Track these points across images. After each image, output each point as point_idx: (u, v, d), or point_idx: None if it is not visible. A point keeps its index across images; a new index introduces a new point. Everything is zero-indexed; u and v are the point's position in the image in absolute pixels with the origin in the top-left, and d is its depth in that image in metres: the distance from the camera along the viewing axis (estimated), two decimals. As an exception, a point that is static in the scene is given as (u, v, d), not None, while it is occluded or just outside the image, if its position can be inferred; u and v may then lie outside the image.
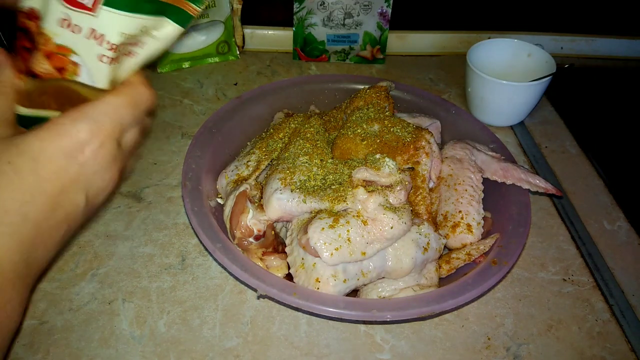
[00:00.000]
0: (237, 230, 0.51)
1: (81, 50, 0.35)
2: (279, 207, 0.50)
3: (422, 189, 0.55)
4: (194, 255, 0.58)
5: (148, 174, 0.68)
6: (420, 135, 0.58)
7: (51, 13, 0.35)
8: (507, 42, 0.81)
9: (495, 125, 0.79)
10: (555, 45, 0.95)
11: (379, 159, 0.52)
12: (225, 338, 0.51)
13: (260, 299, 0.54)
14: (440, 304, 0.46)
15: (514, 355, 0.50)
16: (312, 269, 0.47)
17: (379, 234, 0.48)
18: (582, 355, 0.51)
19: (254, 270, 0.47)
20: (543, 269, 0.59)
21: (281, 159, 0.55)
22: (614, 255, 0.61)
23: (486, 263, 0.50)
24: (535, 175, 0.57)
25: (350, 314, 0.45)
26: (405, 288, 0.50)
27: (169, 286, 0.55)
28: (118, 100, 0.37)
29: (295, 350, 0.50)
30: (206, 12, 0.83)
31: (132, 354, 0.49)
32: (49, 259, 0.36)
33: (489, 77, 0.73)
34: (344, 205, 0.49)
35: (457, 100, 0.84)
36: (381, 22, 0.87)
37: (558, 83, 0.78)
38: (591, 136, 0.79)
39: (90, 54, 0.35)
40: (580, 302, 0.56)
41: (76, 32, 0.35)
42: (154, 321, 0.52)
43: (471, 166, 0.59)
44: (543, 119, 0.82)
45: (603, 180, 0.71)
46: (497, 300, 0.55)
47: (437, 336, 0.52)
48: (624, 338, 0.53)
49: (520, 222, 0.54)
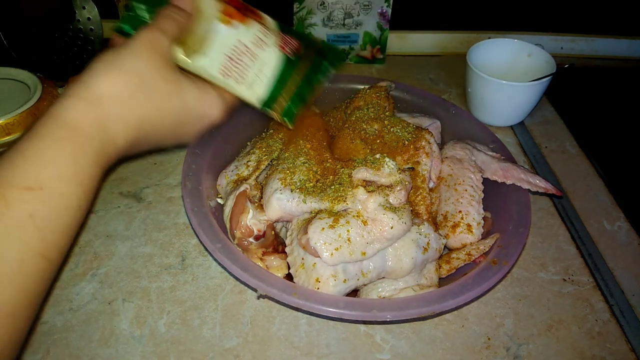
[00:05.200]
0: (237, 230, 0.51)
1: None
2: (279, 207, 0.50)
3: (422, 189, 0.55)
4: (194, 255, 0.58)
5: (148, 174, 0.68)
6: (420, 135, 0.58)
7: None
8: (507, 42, 0.81)
9: (495, 125, 0.79)
10: (555, 45, 0.95)
11: (379, 159, 0.52)
12: (225, 338, 0.51)
13: (260, 299, 0.54)
14: (440, 304, 0.45)
15: (514, 355, 0.50)
16: (312, 269, 0.47)
17: (379, 234, 0.48)
18: (582, 355, 0.51)
19: (254, 270, 0.47)
20: (543, 269, 0.59)
21: (281, 159, 0.55)
22: (614, 255, 0.61)
23: (486, 263, 0.50)
24: (535, 175, 0.57)
25: (350, 314, 0.45)
26: (405, 288, 0.50)
27: (169, 286, 0.55)
28: (237, 103, 0.49)
29: (295, 350, 0.50)
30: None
31: (132, 354, 0.49)
32: (154, 143, 0.43)
33: (489, 77, 0.73)
34: (344, 205, 0.49)
35: (457, 100, 0.84)
36: (381, 22, 0.87)
37: (558, 83, 0.78)
38: (591, 136, 0.79)
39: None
40: (580, 302, 0.56)
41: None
42: (154, 321, 0.52)
43: (471, 166, 0.59)
44: (543, 119, 0.82)
45: (603, 180, 0.71)
46: (497, 300, 0.55)
47: (437, 336, 0.52)
48: (624, 338, 0.53)
49: (520, 222, 0.54)
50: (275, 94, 0.46)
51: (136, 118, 0.38)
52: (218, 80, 0.45)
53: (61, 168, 0.33)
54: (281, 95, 0.46)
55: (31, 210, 0.32)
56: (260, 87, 0.46)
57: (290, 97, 0.47)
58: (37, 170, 0.33)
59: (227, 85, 0.46)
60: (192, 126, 0.44)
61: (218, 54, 0.45)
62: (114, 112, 0.37)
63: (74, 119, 0.35)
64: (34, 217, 0.32)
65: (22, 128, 0.58)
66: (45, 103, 0.61)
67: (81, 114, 0.35)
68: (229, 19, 0.45)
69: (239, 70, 0.45)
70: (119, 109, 0.37)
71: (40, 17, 0.76)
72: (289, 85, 0.46)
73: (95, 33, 0.81)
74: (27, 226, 0.31)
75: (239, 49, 0.45)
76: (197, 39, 0.44)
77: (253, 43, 0.45)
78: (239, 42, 0.45)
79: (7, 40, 0.69)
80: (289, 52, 0.46)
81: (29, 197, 0.32)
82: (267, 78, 0.46)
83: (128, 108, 0.37)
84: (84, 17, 0.80)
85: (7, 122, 0.57)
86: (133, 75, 0.38)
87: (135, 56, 0.38)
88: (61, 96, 0.36)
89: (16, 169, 0.32)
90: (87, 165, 0.35)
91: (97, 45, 0.81)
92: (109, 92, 0.36)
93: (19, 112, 0.58)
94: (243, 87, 0.45)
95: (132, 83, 0.38)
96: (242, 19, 0.46)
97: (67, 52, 0.79)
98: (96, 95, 0.36)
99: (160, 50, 0.40)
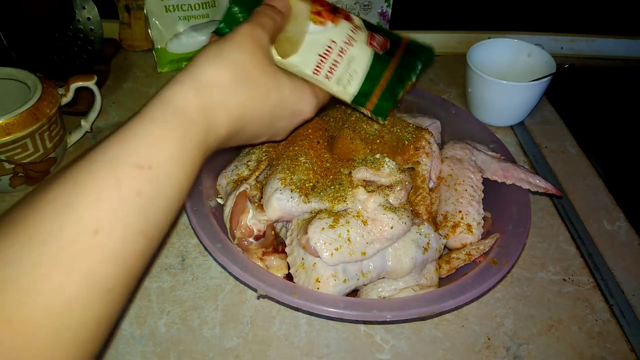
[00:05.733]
0: (237, 230, 0.51)
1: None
2: (279, 207, 0.50)
3: (422, 189, 0.55)
4: (194, 255, 0.58)
5: (148, 174, 0.68)
6: (420, 135, 0.58)
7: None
8: (507, 42, 0.81)
9: (495, 125, 0.79)
10: (555, 45, 0.95)
11: (379, 159, 0.52)
12: (225, 338, 0.51)
13: (260, 299, 0.54)
14: (440, 304, 0.45)
15: (514, 355, 0.50)
16: (312, 269, 0.47)
17: (379, 234, 0.48)
18: (582, 355, 0.51)
19: (254, 270, 0.47)
20: (543, 269, 0.59)
21: (281, 159, 0.55)
22: (614, 255, 0.61)
23: (486, 263, 0.50)
24: (535, 175, 0.57)
25: (350, 314, 0.45)
26: (405, 288, 0.50)
27: (169, 286, 0.55)
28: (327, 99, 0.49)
29: (295, 350, 0.50)
30: (206, 12, 0.83)
31: (132, 354, 0.49)
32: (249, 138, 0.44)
33: (489, 77, 0.73)
34: (344, 205, 0.49)
35: (457, 100, 0.84)
36: (381, 22, 0.87)
37: (558, 83, 0.78)
38: (591, 136, 0.79)
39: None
40: (580, 302, 0.56)
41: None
42: (154, 321, 0.52)
43: (471, 166, 0.59)
44: (543, 119, 0.82)
45: (603, 180, 0.71)
46: (497, 300, 0.55)
47: (437, 336, 0.52)
48: (624, 338, 0.53)
49: (520, 222, 0.54)
50: (366, 90, 0.47)
51: (238, 108, 0.39)
52: (311, 78, 0.46)
53: (170, 149, 0.34)
54: (372, 91, 0.47)
55: (139, 189, 0.32)
56: (352, 84, 0.47)
57: (381, 93, 0.47)
58: (148, 150, 0.33)
59: (320, 83, 0.47)
60: (286, 121, 0.45)
61: (311, 53, 0.46)
62: (218, 99, 0.38)
63: (182, 104, 0.36)
64: (141, 196, 0.32)
65: (22, 128, 0.58)
66: (45, 103, 0.61)
67: (189, 100, 0.36)
68: (320, 18, 0.46)
69: (331, 68, 0.46)
70: (223, 96, 0.38)
71: (40, 17, 0.76)
72: (379, 81, 0.47)
73: (95, 33, 0.81)
74: (133, 204, 0.32)
75: (330, 48, 0.46)
76: (291, 39, 0.46)
77: (344, 41, 0.47)
78: (330, 41, 0.46)
79: (7, 40, 0.69)
80: (378, 48, 0.47)
81: (138, 175, 0.32)
82: (358, 75, 0.47)
83: (231, 97, 0.38)
84: (84, 17, 0.80)
85: (7, 122, 0.57)
86: (236, 66, 0.39)
87: (237, 47, 0.40)
88: (170, 82, 0.37)
89: (129, 148, 0.33)
90: (191, 150, 0.36)
91: (97, 45, 0.81)
92: (214, 81, 0.38)
93: (19, 112, 0.58)
94: (335, 84, 0.46)
95: (236, 73, 0.39)
96: (332, 18, 0.47)
97: (67, 52, 0.79)
98: (203, 83, 0.37)
99: (260, 44, 0.41)
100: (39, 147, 0.61)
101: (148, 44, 0.87)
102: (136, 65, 0.88)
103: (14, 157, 0.59)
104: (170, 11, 0.81)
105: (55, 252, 0.29)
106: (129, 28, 0.88)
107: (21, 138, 0.58)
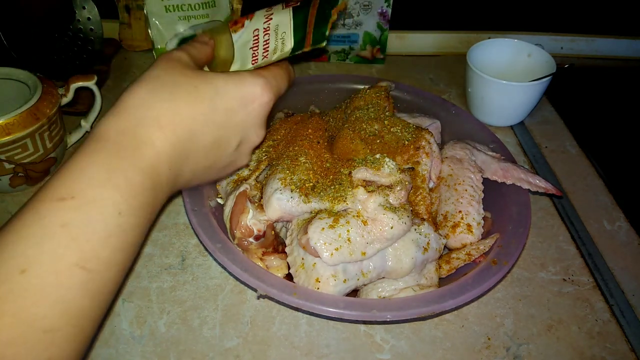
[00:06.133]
0: (237, 230, 0.51)
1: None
2: (279, 207, 0.50)
3: (422, 189, 0.55)
4: (194, 255, 0.58)
5: (148, 174, 0.68)
6: (420, 135, 0.58)
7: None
8: (507, 42, 0.81)
9: (495, 125, 0.79)
10: (555, 45, 0.95)
11: (379, 159, 0.52)
12: (225, 338, 0.51)
13: (260, 299, 0.54)
14: (440, 304, 0.46)
15: (514, 355, 0.50)
16: (312, 269, 0.47)
17: (379, 234, 0.48)
18: (582, 355, 0.51)
19: (254, 270, 0.47)
20: (543, 269, 0.59)
21: (281, 159, 0.55)
22: (614, 255, 0.61)
23: (486, 263, 0.50)
24: (535, 175, 0.57)
25: (350, 314, 0.45)
26: (405, 288, 0.50)
27: (169, 286, 0.55)
28: (281, 72, 0.45)
29: (295, 350, 0.50)
30: (206, 12, 0.83)
31: (132, 354, 0.49)
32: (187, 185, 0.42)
33: (489, 77, 0.73)
34: (344, 205, 0.49)
35: (457, 100, 0.84)
36: (381, 22, 0.87)
37: (558, 83, 0.78)
38: (591, 136, 0.79)
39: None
40: (580, 302, 0.56)
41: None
42: (154, 321, 0.52)
43: (471, 166, 0.59)
44: (543, 119, 0.82)
45: (603, 180, 0.71)
46: (497, 300, 0.55)
47: (437, 336, 0.52)
48: (624, 338, 0.53)
49: (520, 222, 0.54)
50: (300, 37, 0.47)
51: (167, 115, 0.38)
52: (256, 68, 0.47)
53: (92, 175, 0.34)
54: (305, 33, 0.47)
55: (64, 220, 0.32)
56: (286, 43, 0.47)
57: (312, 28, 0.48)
58: (69, 182, 0.33)
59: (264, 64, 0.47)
60: (243, 112, 0.42)
61: (244, 53, 0.47)
62: (140, 115, 0.37)
63: (102, 131, 0.36)
64: (68, 226, 0.31)
65: (22, 128, 0.58)
66: (45, 103, 0.61)
67: (110, 125, 0.37)
68: (238, 25, 0.48)
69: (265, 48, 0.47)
70: (145, 111, 0.38)
71: (40, 17, 0.76)
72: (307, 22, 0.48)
73: (95, 33, 0.81)
74: (60, 236, 0.31)
75: (256, 36, 0.47)
76: (225, 58, 0.47)
77: (263, 22, 0.48)
78: (253, 32, 0.47)
79: (7, 40, 0.69)
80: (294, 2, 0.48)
81: (61, 206, 0.32)
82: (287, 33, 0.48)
83: (154, 108, 0.38)
84: (84, 17, 0.80)
85: (7, 122, 0.57)
86: (151, 81, 0.39)
87: (152, 68, 0.40)
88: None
89: (50, 186, 0.33)
90: (122, 170, 0.35)
91: (97, 45, 0.81)
92: (132, 102, 0.38)
93: (19, 112, 0.58)
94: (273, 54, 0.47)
95: (152, 86, 0.39)
96: (245, 17, 0.49)
97: (67, 52, 0.79)
98: (121, 107, 0.38)
99: (175, 59, 0.41)
100: (39, 147, 0.61)
101: (148, 44, 0.87)
102: (136, 65, 0.88)
103: (14, 157, 0.59)
104: (170, 11, 0.81)
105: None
106: (129, 28, 0.88)
107: (21, 138, 0.58)
